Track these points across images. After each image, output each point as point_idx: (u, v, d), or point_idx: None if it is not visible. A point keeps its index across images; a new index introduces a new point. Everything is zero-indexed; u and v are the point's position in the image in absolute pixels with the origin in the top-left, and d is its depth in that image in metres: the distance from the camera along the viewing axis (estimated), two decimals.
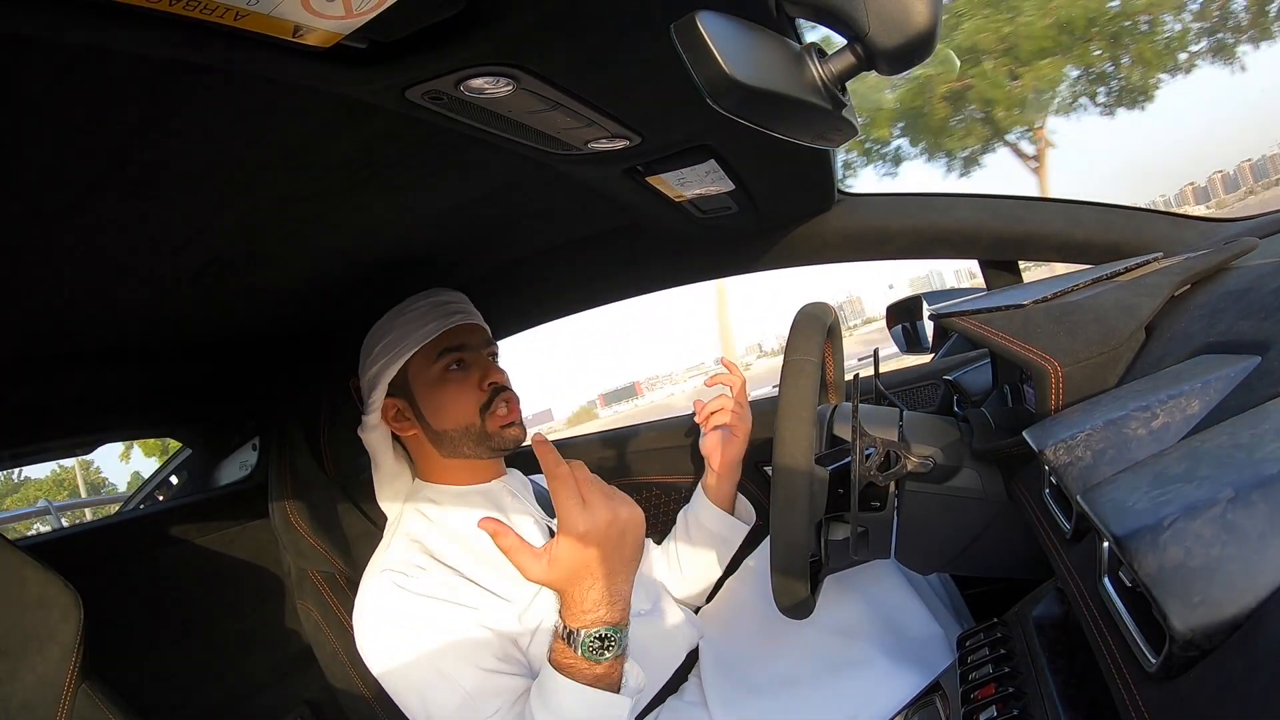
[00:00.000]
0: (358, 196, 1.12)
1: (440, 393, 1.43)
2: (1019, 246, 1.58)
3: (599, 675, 1.09)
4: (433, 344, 1.43)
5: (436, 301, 1.47)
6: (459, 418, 1.42)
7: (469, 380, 1.43)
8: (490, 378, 1.44)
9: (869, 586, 1.34)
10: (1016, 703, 0.77)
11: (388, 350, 1.44)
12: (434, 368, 1.43)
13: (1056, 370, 0.93)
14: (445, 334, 1.43)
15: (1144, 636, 0.52)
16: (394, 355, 1.43)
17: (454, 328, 1.44)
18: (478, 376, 1.43)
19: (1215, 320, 0.86)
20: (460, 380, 1.43)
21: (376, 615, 1.27)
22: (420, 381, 1.44)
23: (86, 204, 0.88)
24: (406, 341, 1.42)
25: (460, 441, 1.44)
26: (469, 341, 1.45)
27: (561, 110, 0.86)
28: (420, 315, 1.44)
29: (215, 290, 1.31)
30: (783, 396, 1.10)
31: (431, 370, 1.43)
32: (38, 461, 2.21)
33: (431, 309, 1.45)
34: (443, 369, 1.43)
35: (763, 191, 1.38)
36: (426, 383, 1.43)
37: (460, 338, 1.45)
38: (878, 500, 1.12)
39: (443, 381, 1.43)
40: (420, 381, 1.44)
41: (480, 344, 1.47)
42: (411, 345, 1.42)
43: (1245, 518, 0.46)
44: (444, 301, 1.48)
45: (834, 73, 0.66)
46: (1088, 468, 0.73)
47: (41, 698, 1.17)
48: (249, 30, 0.56)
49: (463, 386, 1.43)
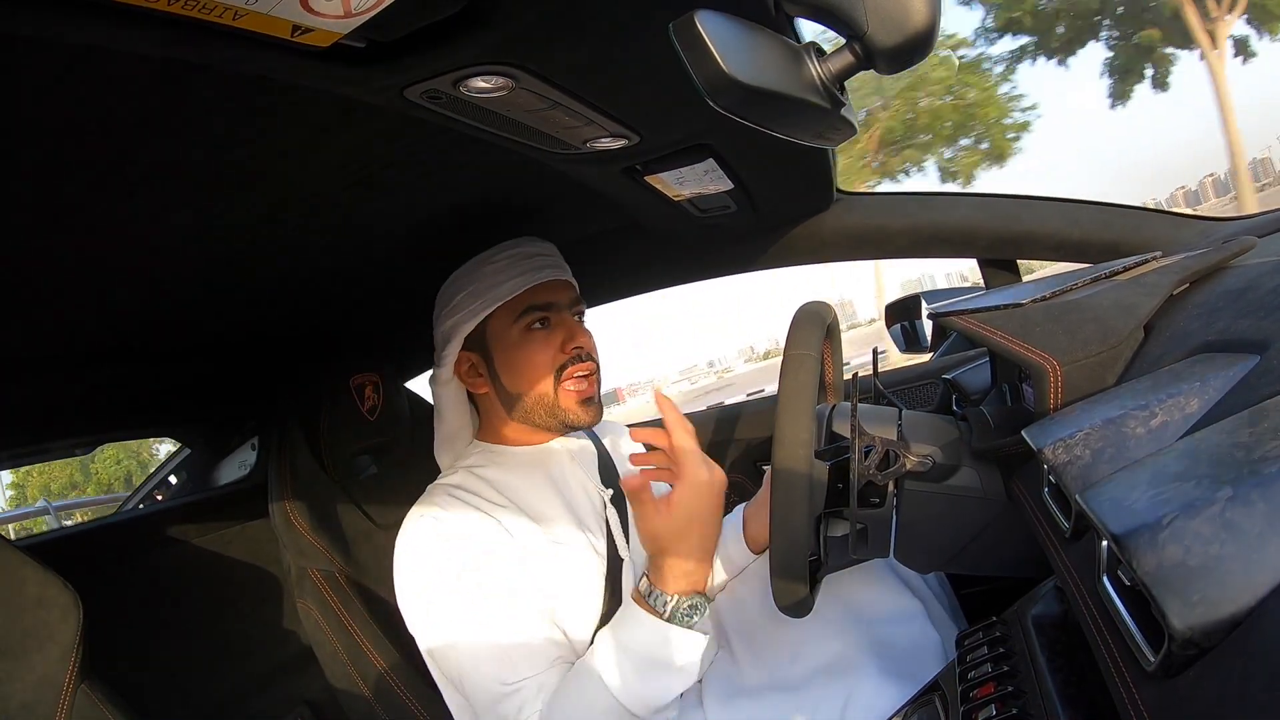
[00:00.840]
0: (356, 196, 1.12)
1: (518, 352, 1.37)
2: (1017, 245, 1.58)
3: None
4: (517, 299, 1.36)
5: (525, 253, 1.39)
6: (534, 380, 1.36)
7: (551, 341, 1.37)
8: (576, 340, 1.37)
9: (867, 587, 1.34)
10: (1015, 702, 0.77)
11: (468, 302, 1.37)
12: (515, 326, 1.36)
13: (1055, 369, 0.93)
14: (531, 290, 1.36)
15: (1143, 635, 0.52)
16: (475, 309, 1.36)
17: (541, 284, 1.37)
18: (561, 337, 1.37)
19: (1214, 319, 0.86)
20: (542, 340, 1.36)
21: (410, 560, 1.26)
22: (499, 338, 1.38)
23: (85, 204, 0.88)
24: (489, 296, 1.35)
25: (532, 409, 1.39)
26: (556, 300, 1.39)
27: (560, 109, 0.86)
28: (506, 267, 1.37)
29: (215, 290, 1.31)
30: (782, 389, 1.10)
31: (513, 329, 1.36)
32: (37, 461, 2.21)
33: (518, 260, 1.38)
34: (524, 328, 1.36)
35: (761, 191, 1.38)
36: (505, 340, 1.37)
37: (547, 295, 1.37)
38: (877, 498, 1.11)
39: (523, 340, 1.36)
40: (499, 338, 1.38)
41: (568, 303, 1.41)
42: (493, 300, 1.35)
43: (1244, 516, 0.46)
44: (533, 254, 1.40)
45: (833, 72, 0.66)
46: (1086, 466, 0.73)
47: (41, 697, 1.17)
48: (247, 30, 0.56)
49: (543, 346, 1.36)
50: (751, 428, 2.06)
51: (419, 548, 1.27)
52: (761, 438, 2.03)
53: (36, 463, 2.35)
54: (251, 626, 1.91)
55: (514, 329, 1.36)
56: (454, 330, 1.37)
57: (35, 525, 6.46)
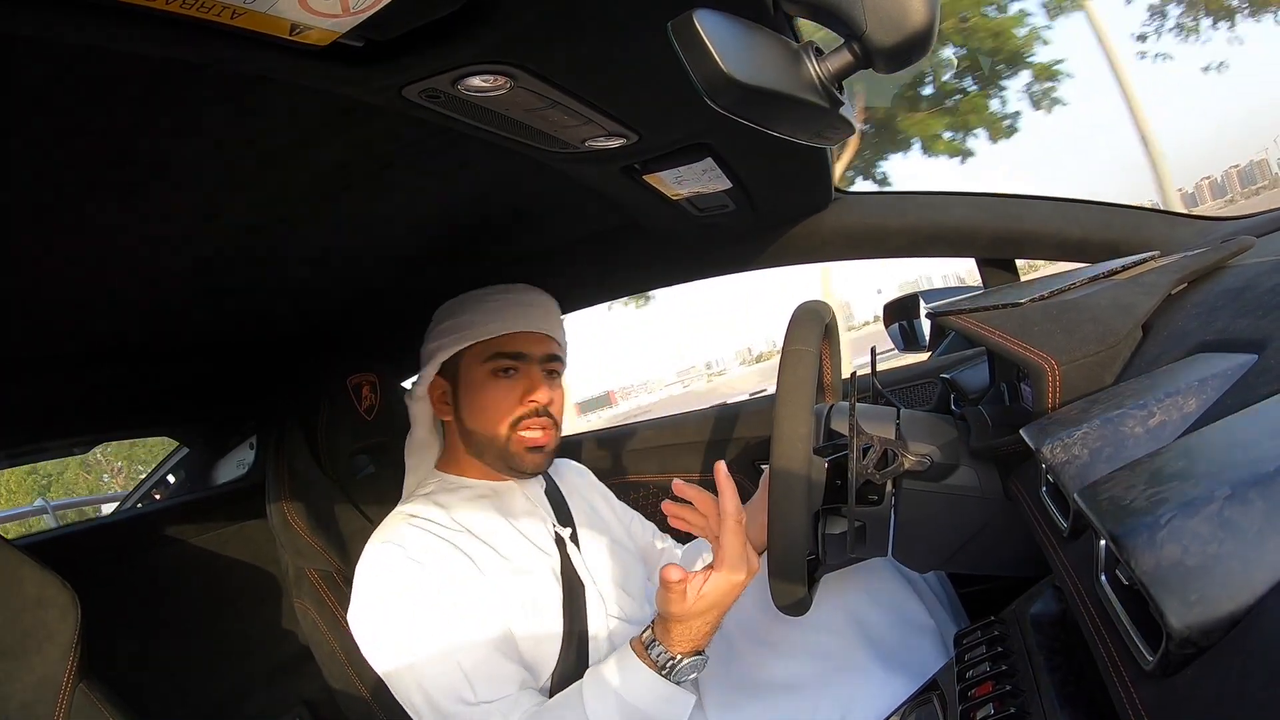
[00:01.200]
0: (355, 195, 1.13)
1: (481, 393, 1.40)
2: (1016, 245, 1.58)
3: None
4: (490, 342, 1.39)
5: (517, 300, 1.43)
6: (489, 424, 1.39)
7: (513, 390, 1.39)
8: (534, 395, 1.39)
9: (865, 586, 1.34)
10: (1013, 700, 0.77)
11: (449, 332, 1.41)
12: (483, 366, 1.39)
13: (1054, 368, 0.93)
14: (507, 336, 1.39)
15: (1141, 634, 0.52)
16: (452, 339, 1.40)
17: (519, 333, 1.40)
18: (523, 389, 1.39)
19: (1212, 318, 0.86)
20: (505, 388, 1.39)
21: (372, 583, 1.27)
22: (467, 375, 1.41)
23: (83, 203, 0.88)
24: (467, 332, 1.39)
25: (485, 449, 1.42)
26: (528, 351, 1.41)
27: (559, 108, 0.86)
28: (493, 309, 1.40)
29: (213, 289, 1.31)
30: (781, 384, 1.10)
31: (481, 369, 1.39)
32: (35, 461, 2.21)
33: (507, 305, 1.41)
34: (490, 371, 1.39)
35: (760, 190, 1.38)
36: (471, 378, 1.40)
37: (520, 344, 1.40)
38: (875, 496, 1.12)
39: (487, 384, 1.39)
40: (467, 375, 1.41)
41: (539, 357, 1.42)
42: (470, 337, 1.39)
43: (1242, 515, 0.46)
44: (524, 302, 1.43)
45: (831, 71, 0.66)
46: (1085, 466, 0.73)
47: (39, 697, 1.17)
48: (246, 29, 0.56)
49: (505, 394, 1.39)
50: (750, 427, 2.06)
51: (382, 572, 1.27)
52: (760, 436, 2.03)
53: (34, 462, 2.35)
54: (249, 626, 1.90)
55: (481, 369, 1.40)
56: (433, 354, 1.42)
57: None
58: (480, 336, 1.38)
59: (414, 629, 1.22)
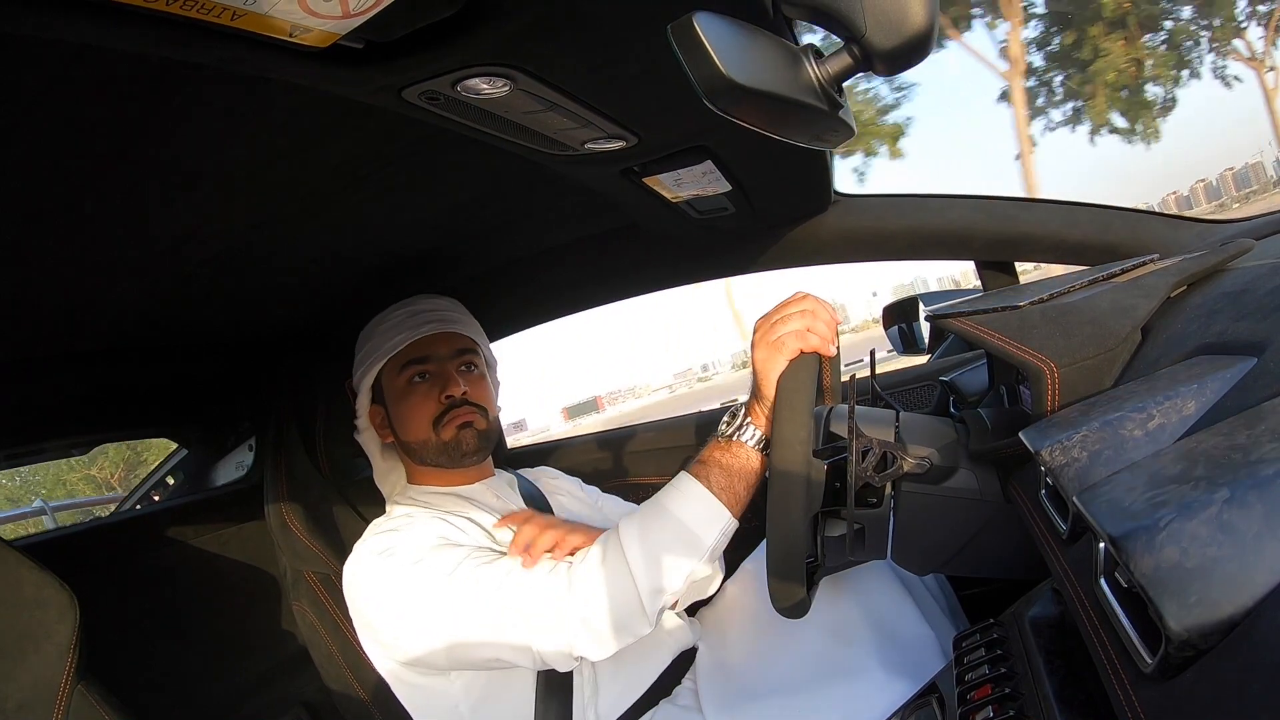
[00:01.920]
0: (354, 197, 1.13)
1: (404, 403, 1.44)
2: (1015, 247, 1.58)
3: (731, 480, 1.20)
4: (399, 355, 1.43)
5: (412, 311, 1.47)
6: (417, 431, 1.43)
7: (431, 392, 1.43)
8: (448, 390, 1.43)
9: (865, 588, 1.34)
10: (1013, 703, 0.77)
11: (365, 359, 1.46)
12: (399, 379, 1.44)
13: (1053, 371, 0.93)
14: (411, 345, 1.43)
15: (1140, 637, 0.52)
16: (369, 365, 1.45)
17: (421, 339, 1.44)
18: (439, 388, 1.43)
19: (1211, 321, 0.86)
20: (423, 392, 1.43)
21: (376, 565, 1.27)
22: (390, 392, 1.46)
23: (83, 203, 0.88)
24: (378, 353, 1.44)
25: (424, 453, 1.45)
26: (435, 352, 1.45)
27: (558, 111, 0.86)
28: (394, 326, 1.45)
29: (212, 290, 1.31)
30: (780, 388, 1.11)
31: (398, 381, 1.44)
32: (32, 462, 2.21)
33: (405, 319, 1.46)
34: (407, 381, 1.44)
35: (759, 192, 1.38)
36: (394, 394, 1.45)
37: (426, 349, 1.45)
38: (874, 499, 1.12)
39: (406, 393, 1.44)
40: (390, 392, 1.46)
41: (448, 355, 1.47)
42: (381, 357, 1.44)
43: (1241, 518, 0.47)
44: (420, 310, 1.47)
45: (831, 74, 0.66)
46: (1084, 469, 0.73)
47: (38, 698, 1.17)
48: (246, 30, 0.56)
49: (424, 398, 1.43)
50: None
51: (374, 554, 1.28)
52: None
53: (33, 463, 2.35)
54: (248, 627, 1.90)
55: (398, 381, 1.45)
56: (360, 383, 1.47)
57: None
58: (391, 352, 1.43)
59: (419, 571, 1.22)
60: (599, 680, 1.37)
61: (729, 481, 1.19)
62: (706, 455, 1.22)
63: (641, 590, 1.15)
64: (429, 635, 1.21)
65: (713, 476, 1.19)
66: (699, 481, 1.19)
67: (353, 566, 1.30)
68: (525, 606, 1.16)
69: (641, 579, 1.15)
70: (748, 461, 1.20)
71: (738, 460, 1.19)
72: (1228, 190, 69.16)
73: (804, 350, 1.14)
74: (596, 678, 1.37)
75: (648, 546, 1.17)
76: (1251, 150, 59.62)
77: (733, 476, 1.19)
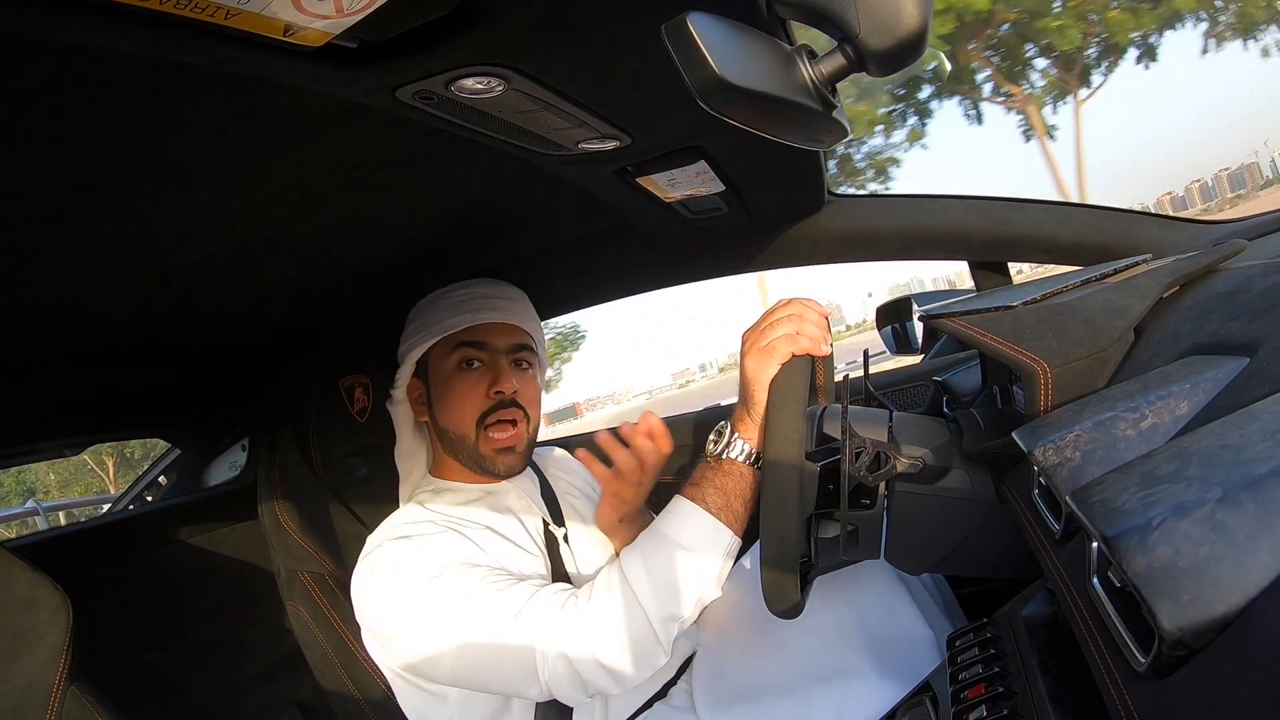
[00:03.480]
0: (348, 197, 1.12)
1: (449, 388, 1.41)
2: (1008, 248, 1.58)
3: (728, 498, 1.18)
4: (455, 335, 1.40)
5: (479, 293, 1.44)
6: (459, 421, 1.40)
7: (480, 382, 1.40)
8: (499, 385, 1.39)
9: (860, 588, 1.34)
10: (1006, 703, 0.77)
11: (417, 331, 1.43)
12: (449, 360, 1.40)
13: (1046, 371, 0.93)
14: (471, 329, 1.40)
15: (1133, 636, 0.52)
16: (420, 338, 1.41)
17: (483, 324, 1.41)
18: (489, 380, 1.40)
19: (1204, 321, 0.86)
20: (471, 381, 1.40)
21: (377, 574, 1.25)
22: (436, 371, 1.43)
23: (77, 204, 0.88)
24: (433, 329, 1.40)
25: (458, 448, 1.42)
26: (492, 342, 1.42)
27: (552, 111, 0.86)
28: (455, 304, 1.42)
29: (206, 291, 1.30)
30: (773, 389, 1.11)
31: (447, 363, 1.41)
32: (25, 462, 2.20)
33: (468, 300, 1.42)
34: (456, 364, 1.40)
35: (753, 193, 1.38)
36: (441, 374, 1.42)
37: (484, 335, 1.41)
38: (868, 500, 1.12)
39: (454, 377, 1.40)
40: (436, 371, 1.43)
41: (504, 347, 1.43)
42: (435, 334, 1.40)
43: (1234, 517, 0.47)
44: (484, 294, 1.44)
45: (824, 74, 0.66)
46: (1077, 468, 0.74)
47: (30, 699, 1.17)
48: (240, 29, 0.56)
49: (471, 388, 1.40)
50: None
51: (384, 560, 1.25)
52: None
53: (24, 464, 2.34)
54: (242, 628, 1.90)
55: (448, 363, 1.41)
56: (406, 354, 1.44)
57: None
58: (446, 331, 1.40)
59: (438, 595, 1.19)
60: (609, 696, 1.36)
61: (726, 500, 1.17)
62: (699, 476, 1.20)
63: (654, 621, 1.13)
64: (437, 653, 1.18)
65: (709, 497, 1.18)
66: (696, 504, 1.17)
67: (364, 574, 1.26)
68: (538, 637, 1.14)
69: (653, 610, 1.14)
70: (741, 479, 1.18)
71: (731, 478, 1.18)
72: (1223, 190, 69.42)
73: (795, 354, 1.13)
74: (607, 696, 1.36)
75: (654, 576, 1.15)
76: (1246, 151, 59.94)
77: (729, 495, 1.17)
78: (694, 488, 1.19)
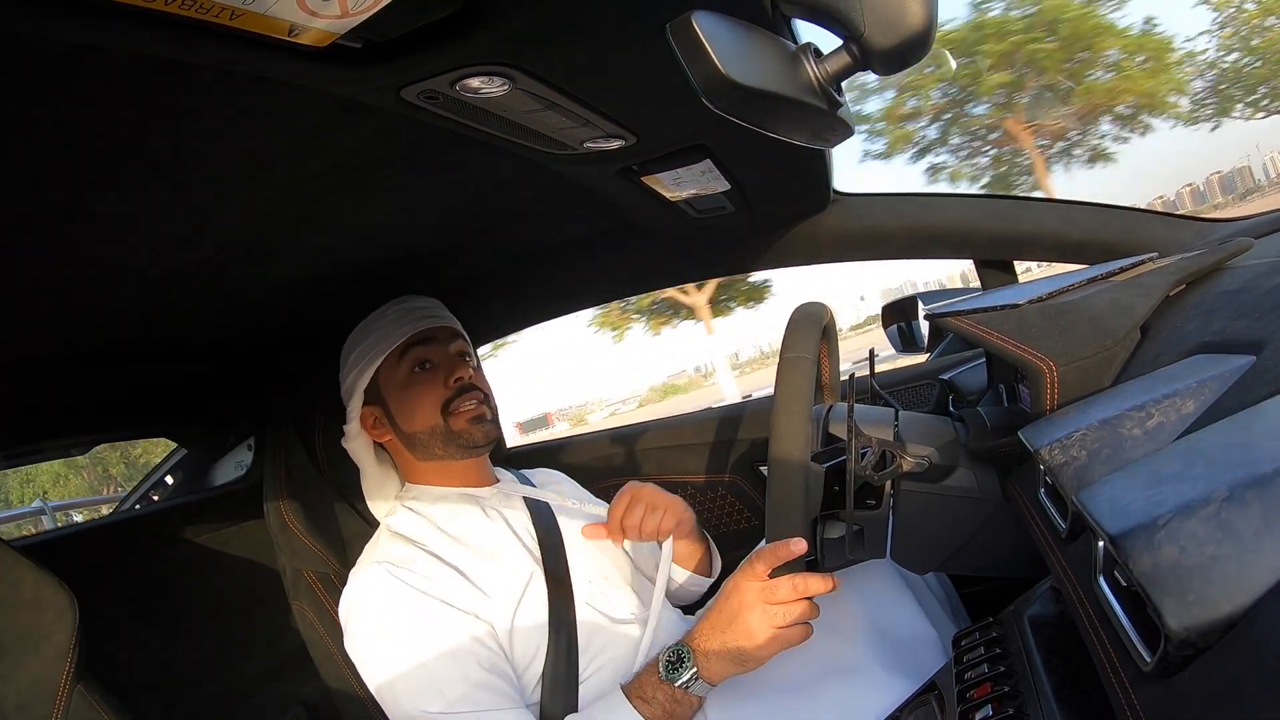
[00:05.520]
0: (353, 196, 1.12)
1: (407, 393, 1.44)
2: (1014, 246, 1.58)
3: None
4: (400, 347, 1.44)
5: (406, 308, 1.48)
6: (425, 418, 1.43)
7: (436, 379, 1.43)
8: (455, 374, 1.43)
9: (864, 587, 1.34)
10: (1012, 702, 0.77)
11: (361, 358, 1.45)
12: (401, 369, 1.44)
13: (1052, 370, 0.93)
14: (413, 337, 1.44)
15: (1139, 635, 0.52)
16: (366, 362, 1.44)
17: (422, 330, 1.45)
18: (444, 375, 1.44)
19: (1210, 320, 0.86)
20: (427, 380, 1.43)
21: (364, 610, 1.27)
22: (390, 385, 1.45)
23: (80, 203, 0.88)
24: (377, 348, 1.44)
25: (430, 443, 1.44)
26: (440, 340, 1.47)
27: (557, 110, 0.86)
28: (390, 321, 1.45)
29: (211, 290, 1.31)
30: (778, 392, 1.11)
31: (399, 372, 1.44)
32: (32, 462, 2.21)
33: (401, 315, 1.46)
34: (409, 370, 1.44)
35: (758, 191, 1.38)
36: (395, 386, 1.44)
37: (428, 340, 1.46)
38: (873, 499, 1.12)
39: (410, 382, 1.44)
40: (390, 385, 1.45)
41: (449, 346, 1.48)
42: (381, 351, 1.44)
43: (1240, 516, 0.47)
44: (413, 307, 1.48)
45: (829, 72, 0.66)
46: (1083, 467, 0.74)
47: (36, 698, 1.17)
48: (244, 30, 0.56)
49: (429, 386, 1.43)
50: (751, 428, 2.05)
51: (369, 595, 1.28)
52: (762, 438, 2.03)
53: (31, 463, 2.35)
54: (247, 627, 1.90)
55: (400, 371, 1.44)
56: (354, 386, 1.46)
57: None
58: (390, 347, 1.43)
59: (401, 663, 1.22)
60: None
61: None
62: (651, 694, 1.19)
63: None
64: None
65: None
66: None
67: (348, 608, 1.30)
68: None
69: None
70: (691, 707, 1.19)
71: (681, 706, 1.18)
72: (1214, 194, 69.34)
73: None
74: None
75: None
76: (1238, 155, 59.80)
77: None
78: (644, 704, 1.18)
